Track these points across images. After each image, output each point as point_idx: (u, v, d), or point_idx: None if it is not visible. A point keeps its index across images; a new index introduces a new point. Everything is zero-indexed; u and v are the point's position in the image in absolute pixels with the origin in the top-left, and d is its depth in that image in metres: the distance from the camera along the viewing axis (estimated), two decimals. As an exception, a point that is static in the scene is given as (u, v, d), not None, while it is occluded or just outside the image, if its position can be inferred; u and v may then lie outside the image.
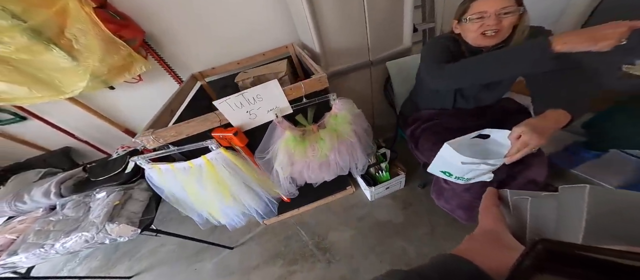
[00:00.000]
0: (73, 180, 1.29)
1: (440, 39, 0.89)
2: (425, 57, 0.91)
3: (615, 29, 0.51)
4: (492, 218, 0.28)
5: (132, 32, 1.12)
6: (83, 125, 1.49)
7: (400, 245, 1.25)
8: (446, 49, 0.85)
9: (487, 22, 0.71)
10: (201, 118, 0.87)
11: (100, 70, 1.13)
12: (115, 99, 1.40)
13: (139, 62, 1.17)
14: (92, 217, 1.08)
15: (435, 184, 1.10)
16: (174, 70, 1.35)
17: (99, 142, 1.60)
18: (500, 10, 0.68)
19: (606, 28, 0.52)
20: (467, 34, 0.80)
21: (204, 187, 1.01)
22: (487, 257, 0.23)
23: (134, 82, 1.31)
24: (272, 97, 0.87)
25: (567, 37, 0.55)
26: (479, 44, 0.78)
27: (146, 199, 1.21)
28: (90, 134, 1.55)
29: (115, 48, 1.08)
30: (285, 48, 1.41)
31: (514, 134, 0.64)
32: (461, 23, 0.79)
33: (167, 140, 0.89)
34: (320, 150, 0.97)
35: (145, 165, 0.98)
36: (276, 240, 1.46)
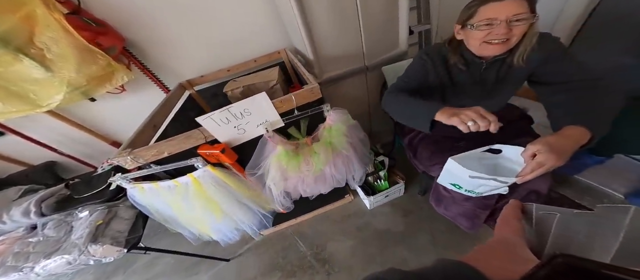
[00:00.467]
0: (55, 198, 1.18)
1: (424, 54, 0.81)
2: (404, 71, 0.86)
3: (466, 113, 0.56)
4: (510, 230, 0.26)
5: (110, 39, 1.01)
6: (66, 139, 1.38)
7: (400, 255, 1.18)
8: (422, 69, 0.81)
9: (495, 31, 0.61)
10: (184, 135, 0.77)
11: (78, 81, 1.02)
12: (99, 110, 1.29)
13: (120, 72, 1.06)
14: (74, 237, 0.99)
15: (434, 191, 1.03)
16: (160, 79, 1.24)
17: (85, 156, 1.48)
18: (512, 16, 0.58)
19: (466, 109, 0.58)
20: (470, 42, 0.71)
21: (191, 205, 0.93)
22: (498, 267, 0.21)
23: (117, 92, 1.20)
24: (261, 110, 0.77)
25: (444, 111, 0.61)
26: (482, 53, 0.70)
27: (132, 216, 1.12)
28: (75, 148, 1.43)
29: (92, 57, 0.97)
30: (277, 54, 1.31)
31: (528, 151, 0.56)
32: (465, 29, 0.69)
33: (147, 160, 0.79)
34: (315, 165, 0.88)
35: (126, 185, 0.88)
36: (273, 251, 1.39)
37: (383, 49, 1.17)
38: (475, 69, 0.76)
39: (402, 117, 0.75)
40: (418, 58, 0.82)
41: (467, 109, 0.58)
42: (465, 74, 0.78)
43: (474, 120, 0.55)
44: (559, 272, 0.15)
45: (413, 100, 0.72)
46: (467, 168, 0.61)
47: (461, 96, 0.83)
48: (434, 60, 0.79)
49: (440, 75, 0.80)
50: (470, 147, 0.87)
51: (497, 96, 0.83)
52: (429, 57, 0.79)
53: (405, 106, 0.74)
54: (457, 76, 0.80)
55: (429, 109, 0.64)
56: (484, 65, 0.74)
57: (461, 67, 0.76)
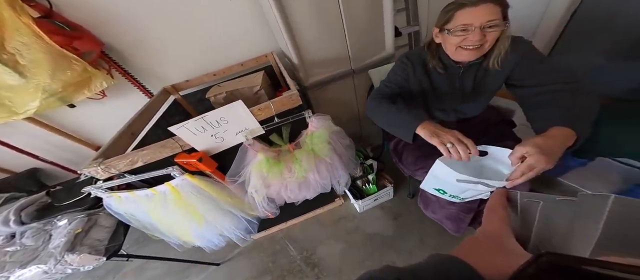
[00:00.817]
0: (35, 206, 1.13)
1: (405, 58, 0.80)
2: (387, 75, 0.83)
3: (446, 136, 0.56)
4: (497, 219, 0.26)
5: (87, 44, 0.96)
6: (48, 146, 1.32)
7: (389, 259, 1.16)
8: (402, 73, 0.78)
9: (470, 37, 0.61)
10: (158, 145, 0.73)
11: (53, 87, 0.96)
12: (80, 116, 1.23)
13: (98, 77, 1.01)
14: (51, 247, 0.95)
15: (422, 194, 1.02)
16: (143, 84, 1.18)
17: (69, 162, 1.42)
18: (486, 23, 0.58)
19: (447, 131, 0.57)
20: (446, 46, 0.70)
21: (171, 213, 0.89)
22: (487, 260, 0.21)
23: (98, 98, 1.14)
24: (238, 118, 0.73)
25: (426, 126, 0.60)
26: (457, 58, 0.70)
27: (113, 225, 1.08)
28: (58, 154, 1.37)
29: (66, 63, 0.92)
30: (265, 57, 1.26)
31: (516, 153, 0.52)
32: (442, 33, 0.68)
33: (120, 170, 0.74)
34: (297, 172, 0.84)
35: (101, 194, 0.83)
36: (264, 255, 1.36)
37: (369, 52, 1.13)
38: (454, 73, 0.75)
39: (385, 125, 0.73)
40: (399, 62, 0.80)
41: (446, 131, 0.57)
42: (445, 78, 0.77)
43: (453, 143, 0.54)
44: (544, 270, 0.15)
45: (395, 109, 0.69)
46: (454, 170, 0.58)
47: (441, 100, 0.82)
48: (414, 64, 0.77)
49: (421, 79, 0.78)
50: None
51: (475, 100, 0.81)
52: (410, 60, 0.78)
53: (387, 115, 0.71)
54: (436, 80, 0.78)
55: (410, 121, 0.62)
56: (461, 69, 0.73)
57: (440, 70, 0.75)
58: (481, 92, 0.78)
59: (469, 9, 0.58)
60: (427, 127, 0.59)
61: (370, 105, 0.76)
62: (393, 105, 0.70)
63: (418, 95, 0.82)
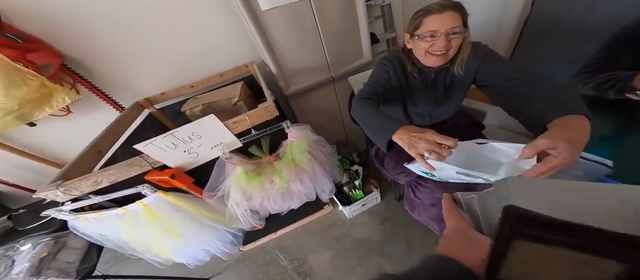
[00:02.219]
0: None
1: (385, 60, 0.79)
2: (368, 78, 0.81)
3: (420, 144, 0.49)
4: (454, 218, 0.29)
5: (44, 57, 0.86)
6: (8, 167, 1.17)
7: (378, 263, 1.13)
8: (384, 74, 0.77)
9: (438, 43, 0.63)
10: (124, 164, 0.66)
11: (8, 105, 0.86)
12: (43, 135, 1.10)
13: (59, 92, 0.91)
14: (14, 273, 0.87)
15: (407, 197, 1.00)
16: (112, 99, 1.08)
17: (33, 183, 1.27)
18: (450, 29, 0.61)
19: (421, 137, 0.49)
20: (416, 51, 0.72)
21: (146, 231, 0.81)
22: (464, 252, 0.23)
23: (62, 114, 1.02)
24: (211, 133, 0.67)
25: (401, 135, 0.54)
26: (426, 63, 0.71)
27: (84, 245, 0.99)
28: (20, 176, 1.22)
29: (21, 78, 0.81)
30: (245, 67, 1.19)
31: (536, 147, 0.42)
32: (413, 39, 0.69)
33: (83, 191, 0.65)
34: (279, 183, 0.79)
35: (65, 216, 0.74)
36: (254, 266, 1.29)
37: (348, 59, 1.11)
38: (426, 76, 0.77)
39: (366, 128, 0.69)
40: (379, 64, 0.80)
41: (421, 136, 0.50)
42: (419, 82, 0.78)
43: (431, 150, 0.48)
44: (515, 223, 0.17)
45: (374, 112, 0.65)
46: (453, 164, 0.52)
47: (417, 102, 0.83)
48: (394, 65, 0.77)
49: (400, 80, 0.78)
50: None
51: (447, 103, 0.83)
52: (390, 62, 0.78)
53: (367, 118, 0.67)
54: (412, 83, 0.79)
55: (387, 129, 0.56)
56: (433, 73, 0.75)
57: (415, 74, 0.76)
58: (451, 95, 0.80)
59: (435, 15, 0.61)
60: (404, 137, 0.54)
61: (354, 105, 0.72)
62: (374, 108, 0.65)
63: (397, 95, 0.81)
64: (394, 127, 0.55)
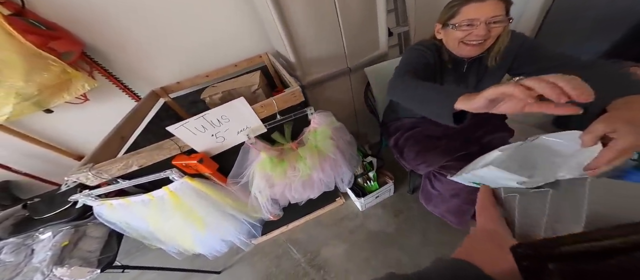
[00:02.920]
0: (11, 220, 1.05)
1: (420, 45, 0.77)
2: (400, 62, 0.81)
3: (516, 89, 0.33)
4: (489, 217, 0.27)
5: (65, 44, 0.88)
6: (21, 156, 1.19)
7: (394, 256, 1.16)
8: (421, 58, 0.75)
9: (475, 31, 0.61)
10: (154, 146, 0.68)
11: (28, 91, 0.88)
12: (58, 123, 1.13)
13: (79, 79, 0.93)
14: (35, 261, 0.88)
15: (423, 189, 1.01)
16: (129, 87, 1.11)
17: (46, 173, 1.29)
18: (491, 18, 0.59)
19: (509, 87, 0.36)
20: (448, 41, 0.70)
21: (170, 218, 0.84)
22: (490, 258, 0.21)
23: (79, 102, 1.05)
24: (240, 116, 0.70)
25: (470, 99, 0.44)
26: (460, 54, 0.70)
27: (104, 234, 1.01)
28: (33, 165, 1.24)
29: (43, 64, 0.84)
30: (259, 58, 1.23)
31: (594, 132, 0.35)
32: (445, 28, 0.68)
33: (113, 174, 0.68)
34: (302, 170, 0.83)
35: (92, 202, 0.77)
36: (267, 260, 1.31)
37: (365, 50, 1.14)
38: (459, 67, 0.76)
39: (416, 101, 0.58)
40: (414, 50, 0.77)
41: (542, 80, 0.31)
42: (451, 72, 0.78)
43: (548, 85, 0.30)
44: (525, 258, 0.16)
45: (428, 83, 0.58)
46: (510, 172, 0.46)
47: None
48: (431, 51, 0.75)
49: (436, 68, 0.76)
50: (451, 146, 0.85)
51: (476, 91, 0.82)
52: (427, 48, 0.75)
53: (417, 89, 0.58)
54: (445, 73, 0.79)
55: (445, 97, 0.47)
56: (466, 64, 0.74)
57: (449, 65, 0.76)
58: (482, 87, 0.75)
59: (476, 4, 0.59)
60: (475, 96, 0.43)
61: (397, 84, 0.66)
62: (422, 81, 0.60)
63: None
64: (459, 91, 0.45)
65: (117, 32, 0.97)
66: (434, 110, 0.51)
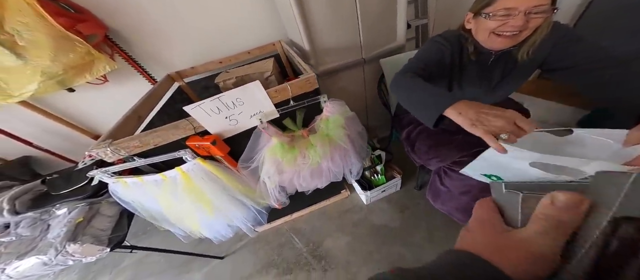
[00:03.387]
0: (30, 194, 1.09)
1: (441, 38, 0.76)
2: (415, 55, 0.80)
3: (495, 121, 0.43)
4: (486, 208, 0.25)
5: (91, 27, 0.94)
6: (42, 132, 1.27)
7: (397, 251, 1.16)
8: (437, 53, 0.73)
9: (512, 22, 0.56)
10: (171, 126, 0.71)
11: (54, 70, 0.94)
12: (78, 102, 1.20)
13: (101, 61, 0.99)
14: (50, 236, 0.91)
15: (431, 186, 1.01)
16: (146, 70, 1.16)
17: (64, 151, 1.38)
18: (533, 8, 0.53)
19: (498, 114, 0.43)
20: (478, 32, 0.66)
21: (180, 200, 0.87)
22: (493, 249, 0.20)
23: (99, 83, 1.11)
24: (254, 100, 0.72)
25: (462, 109, 0.48)
26: (490, 46, 0.66)
27: (116, 214, 1.05)
28: (52, 142, 1.33)
29: (69, 45, 0.89)
30: (272, 46, 1.26)
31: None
32: (477, 17, 0.63)
33: (130, 151, 0.72)
34: (312, 158, 0.84)
35: (107, 179, 0.81)
36: (269, 248, 1.35)
37: (381, 41, 1.13)
38: (484, 60, 0.73)
39: (408, 103, 0.64)
40: (433, 42, 0.76)
41: (498, 115, 0.43)
42: (474, 65, 0.75)
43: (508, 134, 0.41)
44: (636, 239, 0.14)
45: (426, 86, 0.61)
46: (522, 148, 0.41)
47: (466, 87, 0.80)
48: (452, 45, 0.73)
49: (454, 61, 0.74)
50: (467, 140, 0.84)
51: (501, 90, 0.79)
52: (448, 41, 0.74)
53: (416, 90, 0.62)
54: (466, 65, 0.76)
55: (440, 101, 0.51)
56: (492, 56, 0.71)
57: (472, 57, 0.73)
58: (508, 82, 0.76)
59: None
60: (467, 111, 0.47)
61: (398, 79, 0.69)
62: (423, 82, 0.62)
63: (445, 78, 0.78)
64: (450, 99, 0.50)
65: (139, 17, 1.02)
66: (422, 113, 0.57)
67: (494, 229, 0.23)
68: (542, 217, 0.19)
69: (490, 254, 0.19)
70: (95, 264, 1.55)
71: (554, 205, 0.19)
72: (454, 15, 1.26)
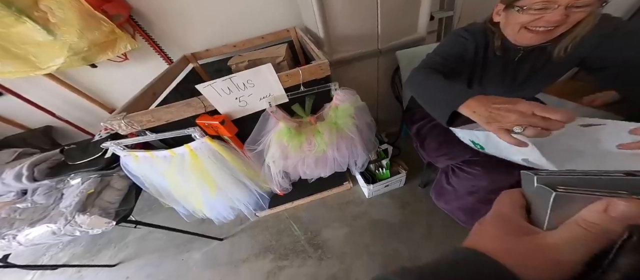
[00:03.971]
0: (48, 163, 1.16)
1: (464, 31, 0.72)
2: (434, 49, 0.77)
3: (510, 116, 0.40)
4: (508, 203, 0.23)
5: (116, 7, 1.00)
6: (65, 104, 1.37)
7: (394, 247, 1.18)
8: (458, 46, 0.70)
9: (548, 16, 0.51)
10: (183, 103, 0.75)
11: (80, 46, 1.01)
12: (99, 77, 1.27)
13: (123, 39, 1.05)
14: (62, 206, 0.96)
15: (437, 184, 1.00)
16: (163, 51, 1.22)
17: (83, 123, 1.48)
18: (576, 1, 0.48)
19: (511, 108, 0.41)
20: (508, 26, 0.62)
21: (186, 178, 0.91)
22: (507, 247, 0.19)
23: (119, 61, 1.18)
24: (265, 83, 0.74)
25: (476, 106, 0.46)
26: (519, 41, 0.62)
27: (125, 187, 1.09)
28: (73, 114, 1.42)
29: (96, 23, 0.96)
30: (286, 32, 1.28)
31: None
32: (509, 10, 0.58)
33: (142, 125, 0.77)
34: (318, 145, 0.85)
35: (120, 151, 0.86)
36: (268, 233, 1.40)
37: (400, 32, 1.10)
38: (510, 56, 0.69)
39: (425, 98, 0.61)
40: (457, 36, 0.72)
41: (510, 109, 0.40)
42: (498, 61, 0.71)
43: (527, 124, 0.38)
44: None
45: (441, 82, 0.59)
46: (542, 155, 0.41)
47: (486, 84, 0.76)
48: (477, 40, 0.70)
49: (477, 57, 0.71)
50: None
51: (527, 89, 0.74)
52: (473, 36, 0.70)
53: (430, 87, 0.60)
54: (490, 61, 0.72)
55: (454, 97, 0.49)
56: (520, 53, 0.66)
57: (497, 52, 0.68)
58: (535, 81, 0.71)
59: None
60: (479, 108, 0.45)
61: (416, 76, 0.67)
62: (439, 77, 0.60)
63: (466, 75, 0.75)
64: (465, 95, 0.48)
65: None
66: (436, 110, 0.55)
67: (513, 228, 0.20)
68: (584, 225, 0.17)
69: (504, 256, 0.18)
70: (101, 237, 1.66)
71: (606, 214, 0.16)
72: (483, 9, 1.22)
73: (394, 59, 1.10)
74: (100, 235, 1.70)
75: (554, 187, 0.19)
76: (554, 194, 0.19)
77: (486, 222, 0.23)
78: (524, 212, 0.22)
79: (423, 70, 0.67)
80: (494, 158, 0.74)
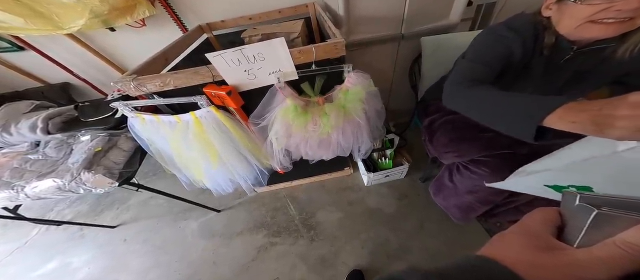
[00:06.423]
0: (62, 117, 1.26)
1: (505, 27, 0.65)
2: (467, 52, 0.70)
3: (618, 109, 0.33)
4: (538, 220, 0.22)
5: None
6: (83, 64, 1.48)
7: (385, 235, 1.24)
8: (499, 46, 0.63)
9: (620, 4, 0.44)
10: (191, 70, 0.80)
11: (101, 9, 1.08)
12: (116, 40, 1.36)
13: (142, 5, 1.11)
14: (70, 161, 1.04)
15: (438, 180, 1.02)
16: (180, 19, 1.28)
17: (99, 83, 1.60)
18: None
19: (614, 105, 0.34)
20: (565, 20, 0.55)
21: (189, 145, 0.97)
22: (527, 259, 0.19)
23: (137, 26, 1.25)
24: (276, 57, 0.77)
25: (573, 115, 0.38)
26: (581, 36, 0.54)
27: (131, 149, 1.15)
28: (90, 74, 1.54)
29: (117, -13, 1.02)
30: (305, 7, 1.28)
31: None
32: (563, 2, 0.53)
33: (151, 89, 0.83)
34: (323, 127, 0.88)
35: (128, 112, 0.94)
36: (264, 209, 1.49)
37: (429, 17, 1.06)
38: (556, 57, 0.63)
39: (492, 116, 0.53)
40: (495, 34, 0.66)
41: (614, 105, 0.34)
42: (541, 61, 0.64)
43: None
44: None
45: (506, 94, 0.52)
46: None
47: (527, 87, 0.70)
48: (523, 35, 0.62)
49: (525, 57, 0.64)
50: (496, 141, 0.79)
51: (569, 89, 0.69)
52: (516, 32, 0.63)
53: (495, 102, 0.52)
54: (533, 62, 0.65)
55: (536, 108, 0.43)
56: (570, 53, 0.60)
57: (544, 51, 0.62)
58: (577, 86, 0.66)
59: None
60: (577, 115, 0.38)
61: (460, 90, 0.60)
62: (495, 89, 0.54)
63: (506, 77, 0.68)
64: (553, 103, 0.41)
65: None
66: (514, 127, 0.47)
67: (538, 242, 0.20)
68: (623, 246, 0.17)
69: (520, 266, 0.18)
70: (105, 197, 1.82)
71: None
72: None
73: (417, 45, 1.08)
74: (105, 195, 1.87)
75: (597, 206, 0.19)
76: (596, 212, 0.19)
77: (509, 234, 0.23)
78: (555, 231, 0.22)
79: (464, 84, 0.60)
80: (503, 159, 0.73)
